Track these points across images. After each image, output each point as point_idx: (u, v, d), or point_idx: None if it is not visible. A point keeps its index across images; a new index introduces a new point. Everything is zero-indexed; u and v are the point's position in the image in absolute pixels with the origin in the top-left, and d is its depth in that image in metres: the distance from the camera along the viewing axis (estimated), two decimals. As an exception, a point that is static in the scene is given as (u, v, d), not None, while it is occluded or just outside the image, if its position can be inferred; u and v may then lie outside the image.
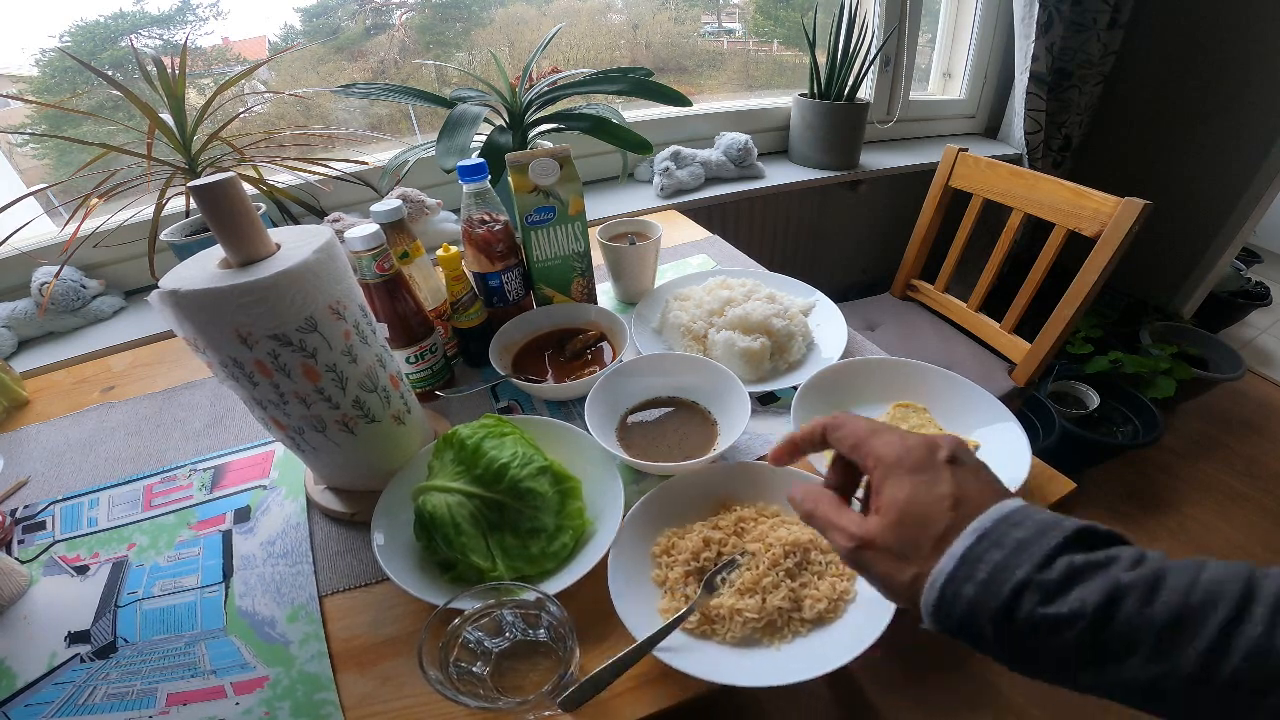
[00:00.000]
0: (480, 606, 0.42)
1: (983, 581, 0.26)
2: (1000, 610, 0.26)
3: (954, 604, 0.27)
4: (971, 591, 0.26)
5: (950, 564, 0.27)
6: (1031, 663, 0.26)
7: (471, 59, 1.25)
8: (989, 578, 0.26)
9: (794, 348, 0.72)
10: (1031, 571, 0.26)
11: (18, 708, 0.44)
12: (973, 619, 0.26)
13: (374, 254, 0.58)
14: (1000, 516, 0.28)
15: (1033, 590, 0.25)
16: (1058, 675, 0.26)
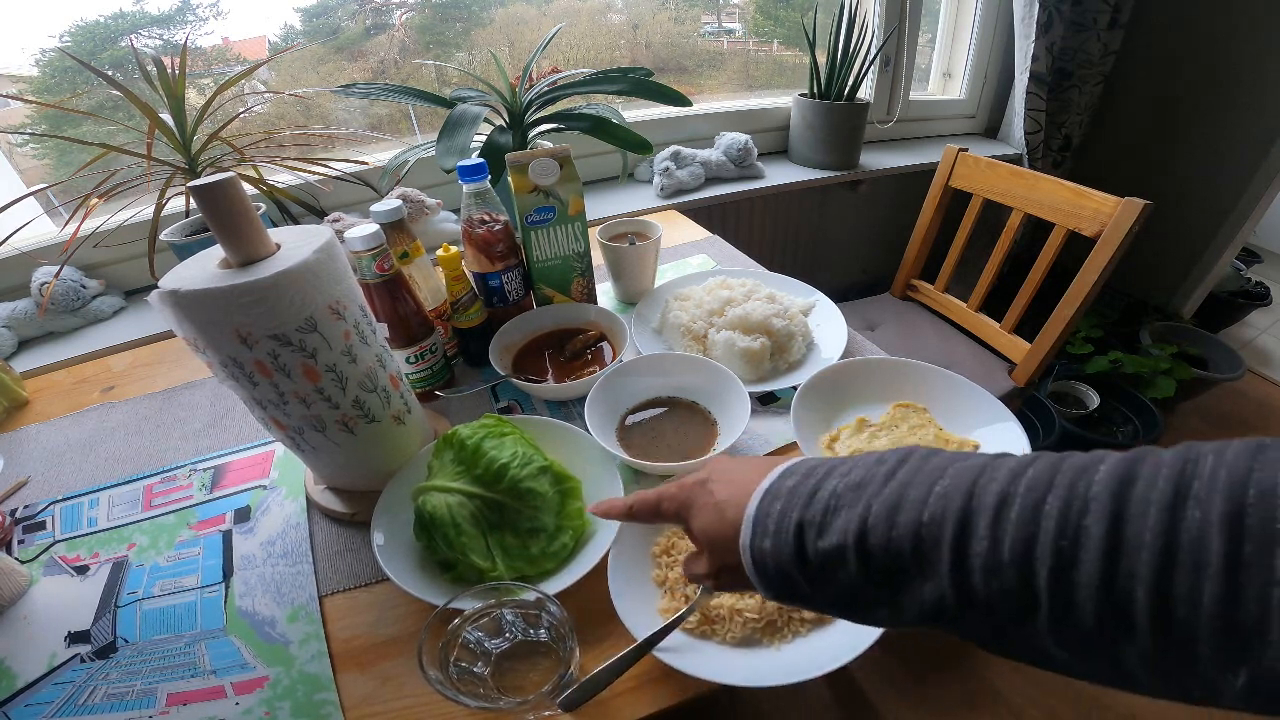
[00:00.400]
0: (480, 606, 0.42)
1: (773, 532, 0.28)
2: (795, 555, 0.27)
3: (764, 563, 0.29)
4: (769, 544, 0.28)
5: (748, 529, 0.29)
6: (853, 607, 0.27)
7: (471, 59, 1.25)
8: (776, 527, 0.28)
9: (794, 348, 0.72)
10: (802, 510, 0.27)
11: (18, 708, 0.44)
12: (783, 573, 0.28)
13: (374, 254, 0.58)
14: (779, 473, 0.30)
15: (808, 528, 0.27)
16: (879, 617, 0.27)
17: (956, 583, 0.23)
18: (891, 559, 0.24)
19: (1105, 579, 0.19)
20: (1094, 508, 0.20)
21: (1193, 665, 0.19)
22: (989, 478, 0.24)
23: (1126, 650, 0.20)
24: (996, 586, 0.22)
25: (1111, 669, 0.21)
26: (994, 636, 0.23)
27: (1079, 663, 0.21)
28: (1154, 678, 0.20)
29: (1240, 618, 0.17)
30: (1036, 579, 0.21)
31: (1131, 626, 0.19)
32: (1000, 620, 0.22)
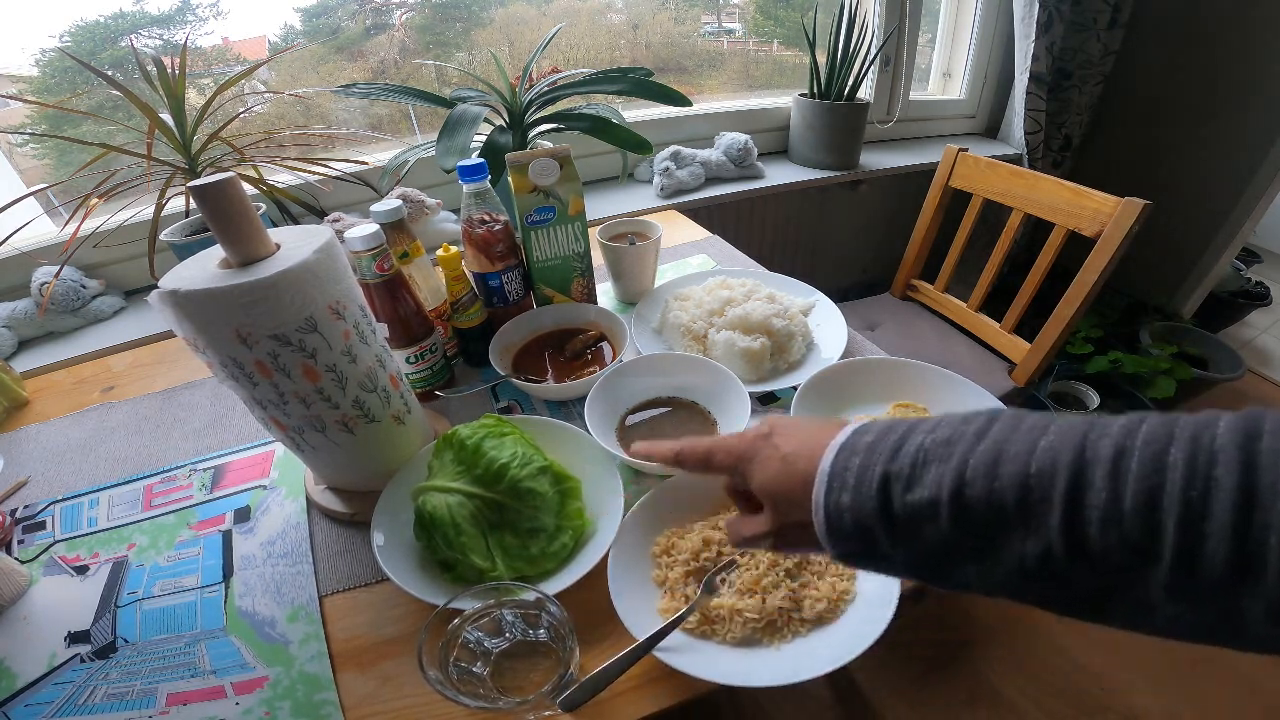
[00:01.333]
0: (480, 606, 0.42)
1: (853, 486, 0.27)
2: (878, 510, 0.26)
3: (840, 518, 0.28)
4: (847, 499, 0.27)
5: (822, 483, 0.28)
6: (938, 566, 0.26)
7: (471, 59, 1.25)
8: (857, 481, 0.27)
9: (794, 348, 0.72)
10: (887, 463, 0.26)
11: (18, 708, 0.44)
12: (862, 528, 0.27)
13: (374, 254, 0.58)
14: (854, 430, 0.30)
15: (895, 480, 0.26)
16: (963, 575, 0.26)
17: (1067, 534, 0.22)
18: (993, 512, 0.24)
19: (1239, 529, 0.19)
20: (1222, 459, 0.20)
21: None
22: (1099, 433, 0.23)
23: (1249, 601, 0.19)
24: (1115, 538, 0.21)
25: (1221, 621, 0.21)
26: (1097, 594, 0.23)
27: (1190, 613, 0.21)
28: (1274, 627, 0.20)
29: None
30: (1163, 529, 0.20)
31: (1261, 576, 0.19)
32: (1110, 574, 0.22)
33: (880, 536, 0.27)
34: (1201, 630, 0.22)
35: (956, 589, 0.27)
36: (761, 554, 0.48)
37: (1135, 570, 0.21)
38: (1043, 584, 0.24)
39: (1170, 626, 0.22)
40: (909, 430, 0.28)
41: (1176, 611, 0.21)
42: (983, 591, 0.26)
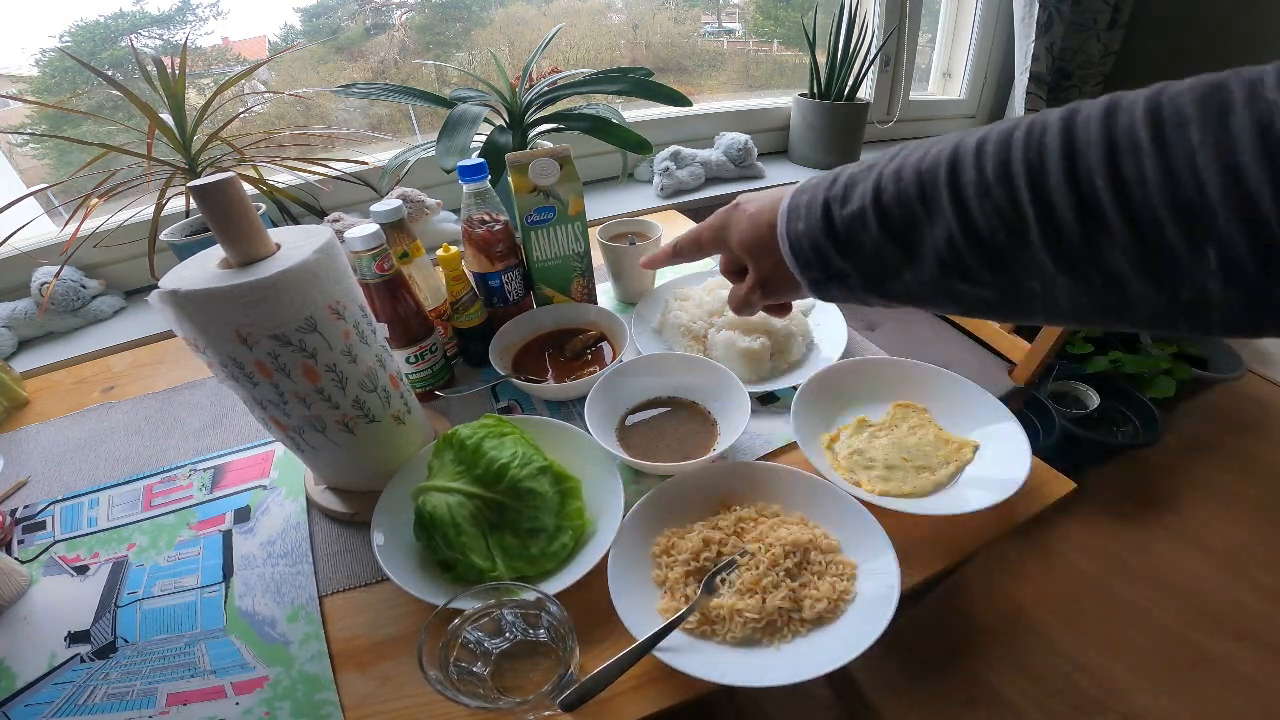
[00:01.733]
0: (480, 606, 0.42)
1: (804, 215, 0.32)
2: (824, 228, 0.31)
3: (799, 244, 0.33)
4: (802, 226, 0.32)
5: (783, 220, 0.34)
6: (881, 274, 0.30)
7: (471, 59, 1.25)
8: (806, 210, 0.32)
9: (794, 348, 0.72)
10: (827, 191, 0.32)
11: (18, 708, 0.44)
12: (816, 247, 0.32)
13: (374, 254, 0.58)
14: (805, 180, 0.35)
15: (833, 202, 0.31)
16: (906, 282, 0.30)
17: (959, 214, 0.26)
18: (904, 209, 0.28)
19: (1070, 178, 0.23)
20: (1049, 129, 0.24)
21: (1171, 258, 0.21)
22: (970, 132, 0.27)
23: (1111, 251, 0.22)
24: (990, 207, 0.25)
25: (1107, 283, 0.23)
26: (1002, 272, 0.26)
27: (1079, 283, 0.24)
28: (1146, 282, 0.22)
29: (1181, 189, 0.20)
30: (1019, 192, 0.24)
31: (1104, 219, 0.22)
32: (1002, 246, 0.25)
33: (831, 253, 0.32)
34: (1097, 306, 0.24)
35: (899, 301, 0.31)
36: (761, 553, 0.48)
37: (1017, 243, 0.25)
38: (959, 277, 0.27)
39: (1074, 309, 0.25)
40: (845, 168, 0.33)
41: (1069, 284, 0.24)
42: (922, 300, 0.30)
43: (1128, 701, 1.05)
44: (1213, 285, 0.21)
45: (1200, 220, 0.20)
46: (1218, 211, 0.19)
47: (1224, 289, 0.21)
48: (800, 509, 0.53)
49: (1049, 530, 1.37)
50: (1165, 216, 0.21)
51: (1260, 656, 1.11)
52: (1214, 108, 0.20)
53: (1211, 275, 0.20)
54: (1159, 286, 0.22)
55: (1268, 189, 0.18)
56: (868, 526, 0.49)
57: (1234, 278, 0.20)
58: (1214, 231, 0.20)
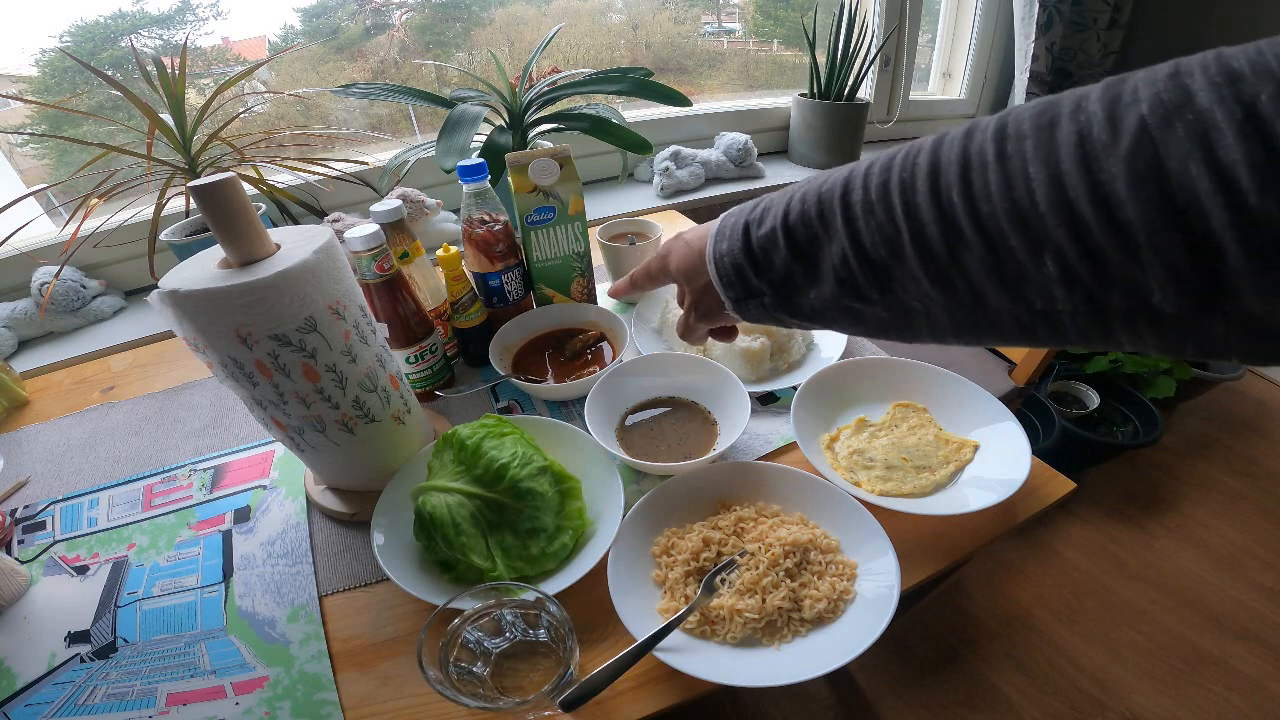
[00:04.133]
0: (480, 606, 0.43)
1: (728, 236, 0.35)
2: (743, 248, 0.34)
3: (723, 263, 0.35)
4: (725, 246, 0.35)
5: (710, 242, 0.37)
6: (790, 290, 0.32)
7: (471, 59, 1.25)
8: (730, 233, 0.35)
9: (794, 348, 0.72)
10: (748, 215, 0.34)
11: (18, 708, 0.44)
12: (736, 265, 0.34)
13: (374, 254, 0.58)
14: (737, 207, 0.37)
15: (752, 225, 0.33)
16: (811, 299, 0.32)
17: (849, 233, 0.28)
18: (806, 228, 0.30)
19: (933, 193, 0.24)
20: (923, 150, 0.26)
21: (1018, 267, 0.22)
22: (873, 157, 0.29)
23: (970, 263, 0.24)
24: (874, 225, 0.27)
25: (972, 296, 0.25)
26: (888, 290, 0.28)
27: (951, 298, 0.25)
28: (1001, 292, 0.24)
29: (1018, 199, 0.21)
30: (894, 210, 0.26)
31: (961, 231, 0.23)
32: (885, 264, 0.27)
33: (748, 272, 0.34)
34: (971, 322, 0.26)
35: (809, 320, 0.33)
36: (761, 554, 0.48)
37: (896, 259, 0.26)
38: (854, 296, 0.29)
39: (953, 325, 0.27)
40: (770, 195, 0.35)
41: (943, 300, 0.26)
42: (828, 318, 0.32)
43: (1128, 701, 1.05)
44: (1057, 293, 0.22)
45: (1034, 228, 0.21)
46: (1047, 218, 0.20)
47: (1067, 296, 0.22)
48: (800, 509, 0.53)
49: (1049, 530, 1.37)
50: (1007, 226, 0.22)
51: (1260, 656, 1.11)
52: (1046, 121, 0.21)
53: (1054, 283, 0.22)
54: (1013, 296, 0.23)
55: (1085, 194, 0.19)
56: (868, 526, 0.49)
57: (1073, 284, 0.21)
58: (1047, 238, 0.21)
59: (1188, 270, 0.18)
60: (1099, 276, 0.20)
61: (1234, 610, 1.19)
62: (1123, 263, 0.20)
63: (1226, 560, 1.29)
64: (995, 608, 1.22)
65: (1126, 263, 0.20)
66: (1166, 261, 0.19)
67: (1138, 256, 0.19)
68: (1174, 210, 0.18)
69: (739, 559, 0.48)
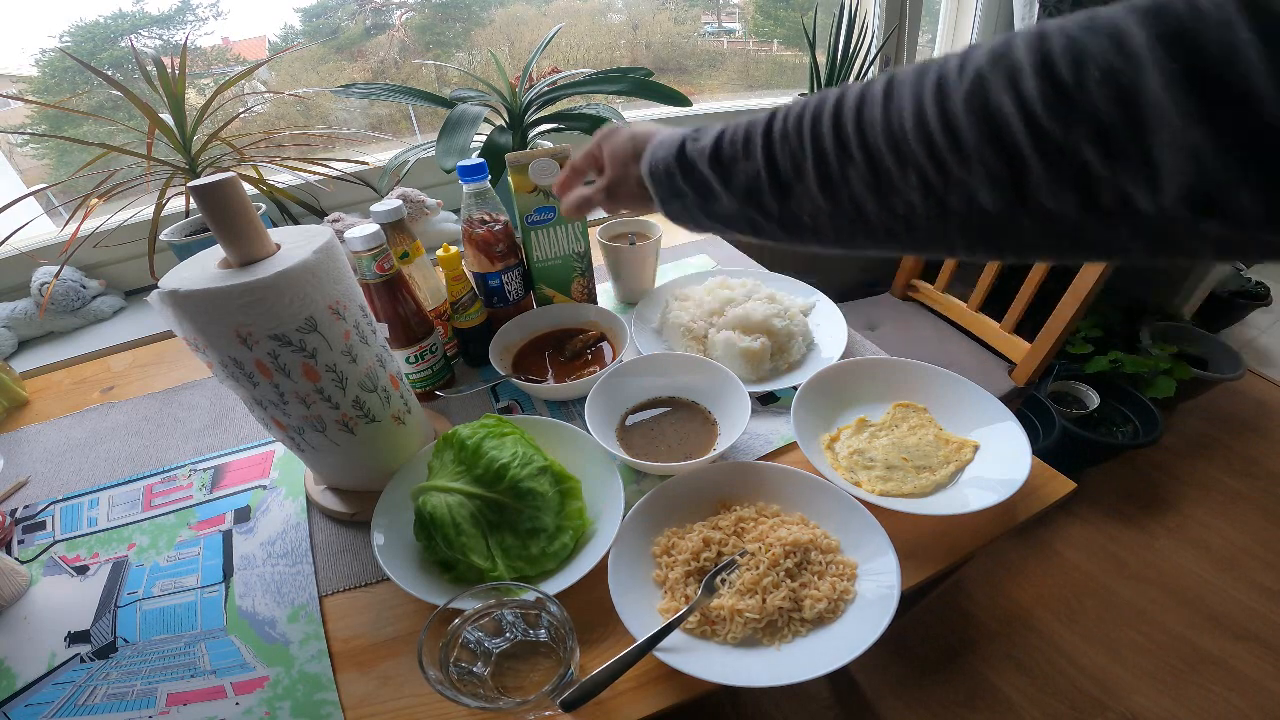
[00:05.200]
0: (480, 606, 0.42)
1: (665, 147, 0.41)
2: (677, 156, 0.40)
3: (656, 165, 0.42)
4: (661, 154, 0.41)
5: (650, 145, 0.43)
6: (705, 201, 0.39)
7: (471, 59, 1.25)
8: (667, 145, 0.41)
9: (794, 348, 0.72)
10: (685, 134, 0.41)
11: (18, 708, 0.44)
12: (669, 171, 0.41)
13: (374, 254, 0.58)
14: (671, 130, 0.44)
15: (688, 140, 0.40)
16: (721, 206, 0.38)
17: (765, 156, 0.34)
18: (730, 147, 0.36)
19: (835, 125, 0.30)
20: (836, 93, 0.31)
21: (890, 180, 0.29)
22: (797, 101, 0.34)
23: (854, 177, 0.30)
24: (787, 149, 0.33)
25: (853, 206, 0.31)
26: (785, 203, 0.34)
27: (837, 208, 0.31)
28: (876, 200, 0.30)
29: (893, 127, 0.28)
30: (804, 137, 0.32)
31: (851, 154, 0.30)
32: (788, 179, 0.33)
33: (677, 177, 0.40)
34: (848, 231, 0.32)
35: (718, 222, 0.40)
36: (762, 554, 0.48)
37: (798, 178, 0.32)
38: (757, 207, 0.36)
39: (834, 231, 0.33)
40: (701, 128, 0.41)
41: (830, 209, 0.32)
42: (727, 223, 0.39)
43: (1128, 701, 1.05)
44: (916, 199, 0.28)
45: (902, 148, 0.27)
46: (911, 140, 0.27)
47: (924, 201, 0.28)
48: (800, 509, 0.53)
49: (1049, 530, 1.37)
50: (885, 147, 0.28)
51: (1260, 656, 1.11)
52: (920, 70, 0.27)
53: (914, 190, 0.28)
54: (884, 206, 0.30)
55: (937, 121, 0.26)
56: (868, 526, 0.49)
57: (928, 191, 0.28)
58: (911, 155, 0.27)
59: (1003, 174, 0.25)
60: (945, 183, 0.27)
61: (1234, 610, 1.19)
62: (960, 171, 0.26)
63: (1226, 560, 1.29)
64: (995, 608, 1.22)
65: (963, 170, 0.26)
66: (989, 169, 0.25)
67: (969, 166, 0.25)
68: (994, 130, 0.24)
69: (739, 559, 0.48)
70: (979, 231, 0.28)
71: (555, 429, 0.59)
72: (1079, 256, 0.27)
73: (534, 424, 0.59)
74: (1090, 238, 0.25)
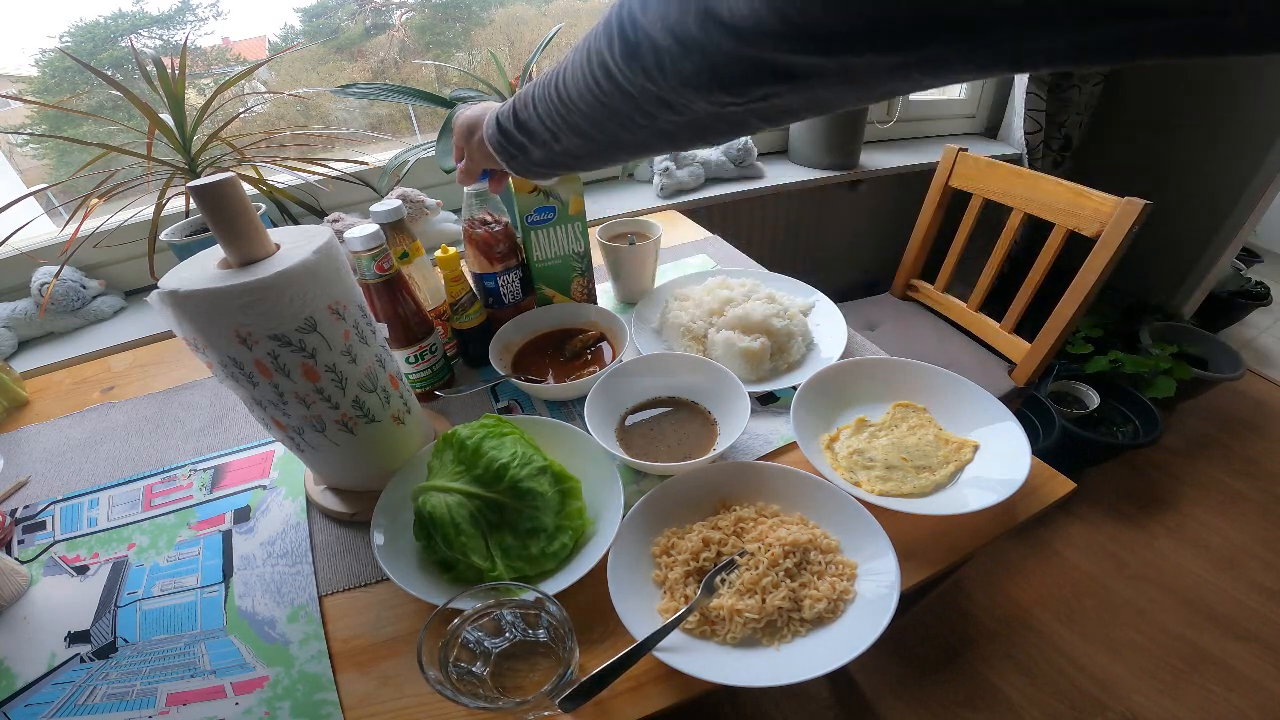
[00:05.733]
0: (480, 606, 0.42)
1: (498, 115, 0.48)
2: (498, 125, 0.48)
3: (493, 134, 0.49)
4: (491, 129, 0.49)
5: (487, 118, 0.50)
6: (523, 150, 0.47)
7: (471, 59, 1.25)
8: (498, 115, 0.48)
9: (794, 348, 0.72)
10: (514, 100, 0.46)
11: (18, 708, 0.44)
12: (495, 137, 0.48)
13: (374, 254, 0.58)
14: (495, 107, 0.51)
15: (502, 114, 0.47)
16: (534, 155, 0.46)
17: (537, 115, 0.43)
18: (525, 110, 0.44)
19: (556, 88, 0.39)
20: (555, 70, 0.40)
21: (594, 117, 0.37)
22: (561, 64, 0.40)
23: (578, 119, 0.39)
24: (546, 109, 0.41)
25: (593, 136, 0.39)
26: (558, 141, 0.43)
27: (581, 139, 0.40)
28: (598, 130, 0.38)
29: (580, 85, 0.37)
30: (548, 100, 0.41)
31: (567, 105, 0.39)
32: (555, 128, 0.42)
33: (502, 141, 0.48)
34: (599, 151, 0.41)
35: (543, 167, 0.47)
36: (761, 554, 0.48)
37: (559, 125, 0.41)
38: (551, 150, 0.44)
39: (598, 154, 0.42)
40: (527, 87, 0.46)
41: (583, 143, 0.41)
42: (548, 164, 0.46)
43: (1128, 701, 1.05)
44: (613, 128, 0.37)
45: (585, 95, 0.37)
46: (584, 88, 0.36)
47: (621, 127, 0.37)
48: (800, 509, 0.53)
49: (1049, 530, 1.37)
50: (575, 98, 0.38)
51: (1260, 656, 1.11)
52: (578, 50, 0.36)
53: (612, 121, 0.37)
54: (604, 131, 0.38)
55: (591, 74, 0.35)
56: (868, 526, 0.49)
57: (623, 121, 0.36)
58: (591, 97, 0.36)
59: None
60: (621, 109, 0.36)
61: (1234, 610, 1.19)
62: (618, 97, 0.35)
63: (1226, 560, 1.29)
64: (995, 608, 1.22)
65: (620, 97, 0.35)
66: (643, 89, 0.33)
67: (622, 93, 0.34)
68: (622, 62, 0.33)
69: (739, 559, 0.48)
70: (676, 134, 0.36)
71: (555, 429, 0.59)
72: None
73: (534, 424, 0.59)
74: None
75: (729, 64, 0.28)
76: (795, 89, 0.28)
